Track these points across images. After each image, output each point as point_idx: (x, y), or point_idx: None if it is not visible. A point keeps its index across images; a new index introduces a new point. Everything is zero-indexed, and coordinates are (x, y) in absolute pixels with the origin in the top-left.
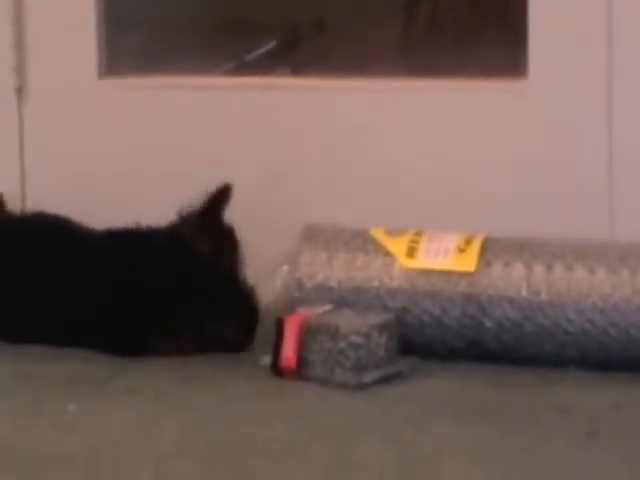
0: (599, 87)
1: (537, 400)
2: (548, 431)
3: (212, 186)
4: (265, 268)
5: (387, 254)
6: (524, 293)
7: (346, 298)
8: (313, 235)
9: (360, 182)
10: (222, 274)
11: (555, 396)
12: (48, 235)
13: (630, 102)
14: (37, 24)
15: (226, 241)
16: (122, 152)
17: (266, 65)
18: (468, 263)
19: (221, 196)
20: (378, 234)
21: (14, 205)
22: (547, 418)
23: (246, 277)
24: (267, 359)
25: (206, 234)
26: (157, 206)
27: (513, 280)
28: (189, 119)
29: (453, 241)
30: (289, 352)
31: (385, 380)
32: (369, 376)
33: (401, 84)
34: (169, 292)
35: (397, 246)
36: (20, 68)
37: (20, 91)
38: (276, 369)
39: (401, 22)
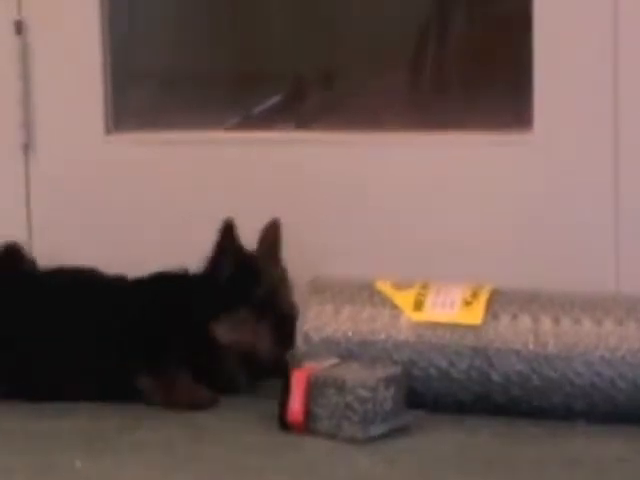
0: (604, 139)
1: (545, 453)
2: None
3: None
4: None
5: (394, 307)
6: (531, 346)
7: (353, 351)
8: (320, 288)
9: (366, 235)
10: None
11: (563, 449)
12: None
13: (636, 154)
14: (44, 81)
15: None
16: (128, 207)
17: (271, 119)
18: (475, 316)
19: (274, 234)
20: (385, 287)
21: None
22: (555, 471)
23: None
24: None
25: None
26: (162, 259)
27: (520, 333)
28: (195, 173)
29: (459, 293)
30: (296, 406)
31: (392, 433)
32: (376, 429)
33: (406, 137)
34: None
35: (404, 299)
36: (27, 124)
37: (27, 148)
38: (283, 423)
39: (406, 75)
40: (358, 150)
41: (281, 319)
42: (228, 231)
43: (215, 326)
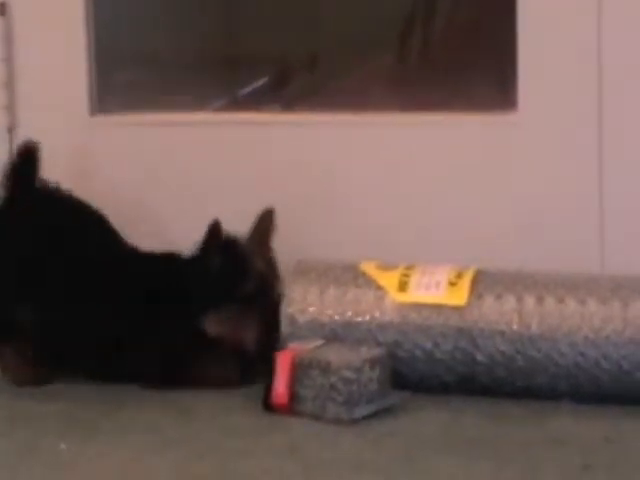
0: (589, 118)
1: (530, 433)
2: (542, 464)
3: (201, 222)
4: None
5: (378, 288)
6: (515, 326)
7: (338, 333)
8: (304, 270)
9: (350, 216)
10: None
11: (548, 429)
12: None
13: (620, 132)
14: (28, 62)
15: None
16: (113, 189)
17: (257, 101)
18: (459, 297)
19: (267, 222)
20: (369, 268)
21: None
22: (540, 451)
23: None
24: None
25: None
26: (146, 241)
27: (504, 313)
28: (180, 155)
29: (444, 274)
30: (281, 387)
31: (377, 414)
32: (361, 411)
33: (392, 118)
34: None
35: (388, 280)
36: (11, 106)
37: (11, 130)
38: (268, 404)
39: (391, 57)
40: (344, 131)
41: (269, 312)
42: (215, 232)
43: (204, 320)
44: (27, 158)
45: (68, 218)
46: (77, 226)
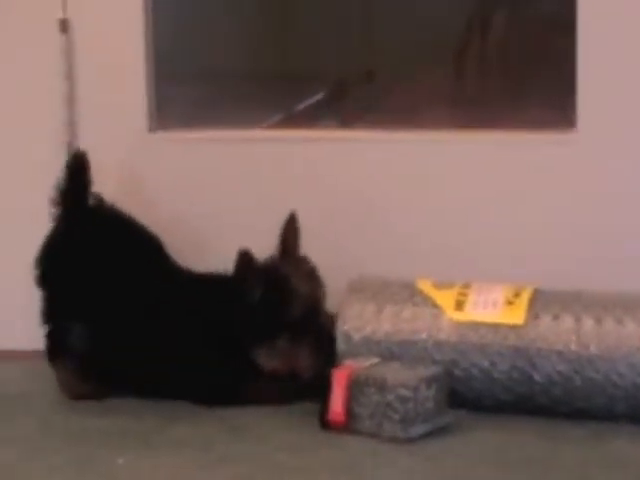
0: None
1: (587, 454)
2: None
3: (259, 239)
4: None
5: (435, 306)
6: (573, 346)
7: (393, 351)
8: (360, 287)
9: (408, 234)
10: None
11: (605, 450)
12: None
13: None
14: (88, 80)
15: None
16: (172, 204)
17: (314, 117)
18: (517, 316)
19: (291, 228)
20: (425, 286)
21: None
22: (597, 472)
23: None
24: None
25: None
26: (206, 255)
27: (562, 333)
28: (238, 171)
29: (501, 293)
30: (337, 405)
31: (433, 433)
32: (417, 429)
33: (449, 136)
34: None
35: (445, 298)
36: (71, 123)
37: (71, 145)
38: (324, 422)
39: (449, 74)
40: (401, 148)
41: (321, 333)
42: (244, 263)
43: (256, 354)
44: (77, 169)
45: (122, 237)
46: (131, 246)
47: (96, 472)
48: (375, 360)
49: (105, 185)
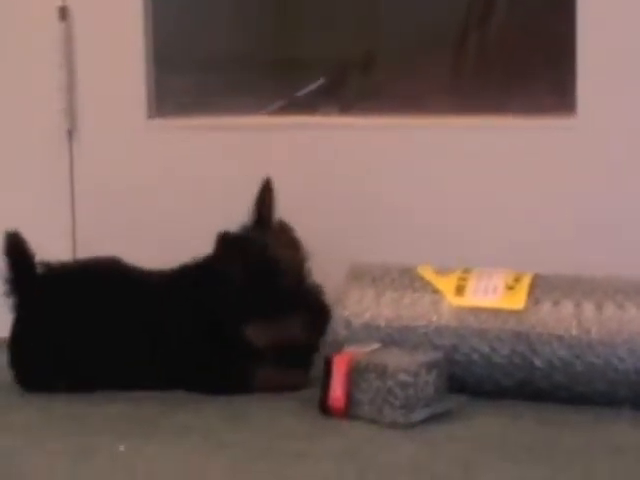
0: None
1: (589, 439)
2: (599, 471)
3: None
4: None
5: (435, 292)
6: (574, 331)
7: (394, 336)
8: (360, 273)
9: (408, 220)
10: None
11: (606, 436)
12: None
13: None
14: (87, 67)
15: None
16: (170, 191)
17: (313, 103)
18: (517, 301)
19: (265, 195)
20: (426, 272)
21: (65, 239)
22: (598, 458)
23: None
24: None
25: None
26: (203, 243)
27: (563, 318)
28: (237, 158)
29: (502, 278)
30: (337, 391)
31: (434, 419)
32: (418, 415)
33: (448, 122)
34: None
35: (445, 284)
36: (71, 110)
37: (71, 133)
38: (324, 408)
39: (448, 59)
40: (400, 134)
41: (311, 298)
42: (224, 244)
43: (248, 331)
44: (16, 252)
45: (79, 289)
46: (91, 291)
47: (97, 459)
48: (375, 346)
49: (103, 172)
